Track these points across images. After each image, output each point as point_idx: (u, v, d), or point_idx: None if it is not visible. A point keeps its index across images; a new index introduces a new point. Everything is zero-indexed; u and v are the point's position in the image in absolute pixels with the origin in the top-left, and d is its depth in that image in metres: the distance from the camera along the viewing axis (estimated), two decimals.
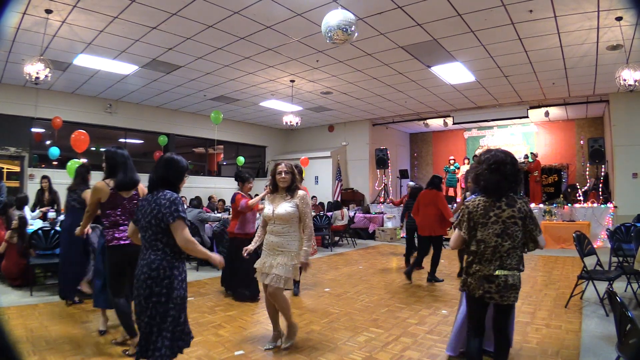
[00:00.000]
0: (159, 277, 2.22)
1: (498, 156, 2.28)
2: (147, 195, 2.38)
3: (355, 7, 5.04)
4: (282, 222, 3.15)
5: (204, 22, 5.66)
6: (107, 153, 3.25)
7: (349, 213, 10.10)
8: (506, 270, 2.22)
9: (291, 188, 3.23)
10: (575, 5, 5.04)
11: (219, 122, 9.32)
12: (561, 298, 4.60)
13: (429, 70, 7.79)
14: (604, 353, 3.05)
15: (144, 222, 2.29)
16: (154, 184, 2.38)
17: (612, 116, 9.30)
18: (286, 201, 3.19)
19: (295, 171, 3.29)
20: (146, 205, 2.32)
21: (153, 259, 2.24)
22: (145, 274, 2.23)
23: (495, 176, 2.25)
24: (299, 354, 3.16)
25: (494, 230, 2.23)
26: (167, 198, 2.27)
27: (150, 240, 2.27)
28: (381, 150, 12.42)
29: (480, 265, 2.27)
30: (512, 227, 2.22)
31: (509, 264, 2.22)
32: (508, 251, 2.22)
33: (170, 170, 2.41)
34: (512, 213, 2.23)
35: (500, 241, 2.22)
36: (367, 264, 7.29)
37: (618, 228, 5.78)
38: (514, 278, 2.23)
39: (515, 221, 2.22)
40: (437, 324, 3.85)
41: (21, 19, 5.32)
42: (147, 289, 2.21)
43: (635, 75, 5.44)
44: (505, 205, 2.25)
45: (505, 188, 2.26)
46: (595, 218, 9.02)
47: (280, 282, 3.06)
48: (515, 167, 2.29)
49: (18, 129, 8.67)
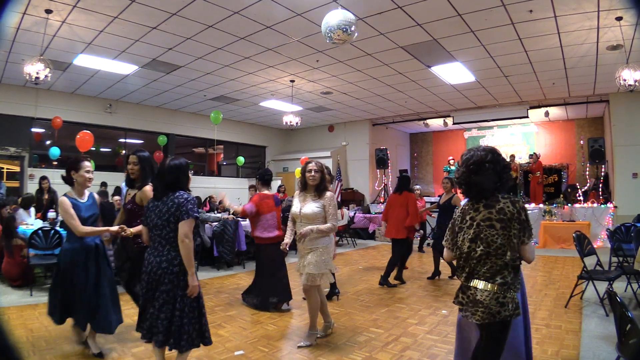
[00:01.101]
0: (180, 272, 2.39)
1: (477, 155, 2.03)
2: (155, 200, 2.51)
3: (355, 7, 5.04)
4: (307, 222, 3.24)
5: (204, 22, 5.66)
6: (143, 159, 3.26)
7: (349, 213, 10.10)
8: (480, 280, 1.93)
9: (320, 188, 3.30)
10: (575, 5, 5.04)
11: (218, 122, 9.32)
12: (561, 298, 4.60)
13: (429, 70, 7.79)
14: (604, 353, 3.05)
15: (160, 221, 2.42)
16: (163, 190, 2.48)
17: (612, 116, 9.30)
18: (314, 201, 3.27)
19: (326, 171, 3.37)
20: (161, 205, 2.46)
21: (174, 255, 2.40)
22: (165, 269, 2.38)
23: (475, 177, 2.01)
24: (299, 353, 3.16)
25: (468, 235, 1.98)
26: (184, 197, 2.44)
27: (168, 237, 2.41)
28: (381, 150, 12.42)
29: (458, 272, 2.07)
30: (486, 231, 1.93)
31: (482, 273, 1.93)
32: (480, 257, 1.93)
33: (177, 175, 2.52)
34: (488, 215, 1.95)
35: (474, 247, 1.95)
36: (367, 264, 7.29)
37: (618, 228, 5.77)
38: (483, 293, 1.89)
39: (492, 224, 1.92)
40: (437, 324, 3.85)
41: (21, 19, 5.31)
42: (167, 284, 2.37)
43: (635, 75, 5.44)
44: (483, 207, 1.98)
45: (489, 189, 1.99)
46: (595, 218, 9.02)
47: (315, 280, 3.20)
48: (498, 164, 2.01)
49: (18, 129, 8.67)
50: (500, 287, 1.88)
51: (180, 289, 2.38)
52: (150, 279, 2.43)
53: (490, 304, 1.87)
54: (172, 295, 2.38)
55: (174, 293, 2.38)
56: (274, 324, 3.92)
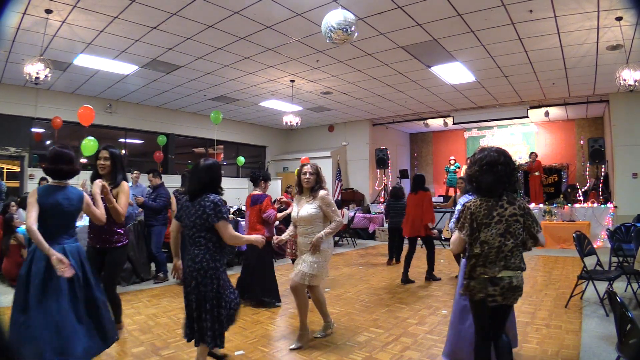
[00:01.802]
0: (202, 269, 2.49)
1: (491, 156, 2.21)
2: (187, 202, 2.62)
3: (355, 7, 5.04)
4: (305, 224, 3.27)
5: (204, 22, 5.66)
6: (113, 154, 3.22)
7: (349, 213, 10.10)
8: (510, 270, 2.14)
9: (314, 189, 3.31)
10: (576, 5, 5.04)
11: (218, 122, 9.33)
12: (561, 298, 4.60)
13: (429, 70, 7.79)
14: (604, 353, 3.05)
15: (188, 222, 2.56)
16: (196, 192, 2.58)
17: (612, 116, 9.30)
18: (308, 203, 3.29)
19: (321, 173, 3.39)
20: (190, 207, 2.58)
21: (197, 254, 2.52)
22: (190, 267, 2.52)
23: (487, 176, 2.19)
24: (299, 353, 3.16)
25: (498, 230, 2.15)
26: (210, 200, 2.53)
27: (194, 237, 2.55)
28: (381, 150, 12.42)
29: (484, 267, 2.17)
30: (514, 225, 2.16)
31: (512, 263, 2.15)
32: (512, 250, 2.15)
33: (208, 176, 2.62)
34: (513, 211, 2.17)
35: (504, 240, 2.15)
36: (367, 264, 7.29)
37: (618, 228, 5.77)
38: (518, 279, 2.16)
39: (517, 219, 2.17)
40: (437, 324, 3.85)
41: (21, 19, 5.31)
42: (192, 281, 2.50)
43: (635, 75, 5.44)
44: (507, 204, 2.19)
45: (499, 188, 2.19)
46: (595, 218, 9.02)
47: (305, 278, 3.18)
48: (509, 166, 2.20)
49: (18, 129, 8.67)
50: (522, 270, 2.21)
51: (202, 285, 2.49)
52: (184, 279, 2.59)
53: (522, 286, 2.21)
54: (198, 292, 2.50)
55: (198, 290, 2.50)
56: (274, 324, 3.92)
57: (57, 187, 2.58)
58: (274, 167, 14.12)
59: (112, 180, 3.16)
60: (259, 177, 4.63)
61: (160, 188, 5.78)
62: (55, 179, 2.61)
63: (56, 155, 2.60)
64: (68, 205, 2.54)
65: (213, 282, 2.51)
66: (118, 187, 3.14)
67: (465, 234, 2.24)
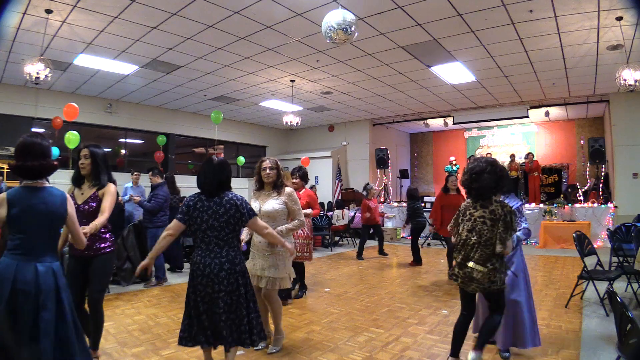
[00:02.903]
0: (242, 271, 2.48)
1: (479, 166, 2.64)
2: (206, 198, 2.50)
3: (355, 7, 5.04)
4: (268, 220, 3.08)
5: (204, 22, 5.66)
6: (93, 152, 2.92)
7: (349, 213, 10.10)
8: (473, 263, 2.56)
9: (277, 184, 3.20)
10: (576, 5, 5.03)
11: (219, 122, 9.33)
12: (561, 298, 4.60)
13: (429, 70, 7.79)
14: (604, 353, 3.05)
15: (217, 223, 2.44)
16: (212, 189, 2.50)
17: (613, 116, 9.30)
18: (273, 198, 3.18)
19: (280, 167, 3.27)
20: (214, 206, 2.46)
21: (235, 255, 2.47)
22: (229, 270, 2.42)
23: (474, 183, 2.64)
24: (299, 354, 3.16)
25: (466, 226, 2.66)
26: (239, 199, 2.51)
27: (226, 238, 2.46)
28: (381, 150, 12.41)
29: (456, 253, 2.74)
30: (480, 226, 2.58)
31: (472, 257, 2.58)
32: (473, 245, 2.59)
33: (225, 173, 2.56)
34: (483, 214, 2.60)
35: (470, 235, 2.62)
36: (367, 264, 7.28)
37: (618, 228, 5.77)
38: (479, 274, 2.53)
39: (485, 221, 2.58)
40: (437, 324, 3.85)
41: (21, 19, 5.31)
42: (233, 283, 2.43)
43: (635, 75, 5.43)
44: (480, 207, 2.63)
45: (487, 193, 2.62)
46: (596, 218, 9.01)
47: (276, 284, 3.10)
48: (495, 174, 2.60)
49: (18, 129, 8.66)
50: (491, 270, 2.53)
51: (245, 285, 2.48)
52: (208, 281, 2.39)
53: (483, 281, 2.55)
54: (239, 294, 2.44)
55: (239, 292, 2.44)
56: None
57: (30, 188, 2.06)
58: None
59: (95, 181, 2.87)
60: None
61: (158, 188, 5.51)
62: (27, 178, 2.07)
63: (24, 148, 2.06)
64: (44, 212, 2.05)
65: (248, 282, 2.53)
66: (104, 189, 2.85)
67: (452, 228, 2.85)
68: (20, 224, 2.01)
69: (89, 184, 2.88)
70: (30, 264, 1.97)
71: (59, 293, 2.05)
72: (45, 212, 2.06)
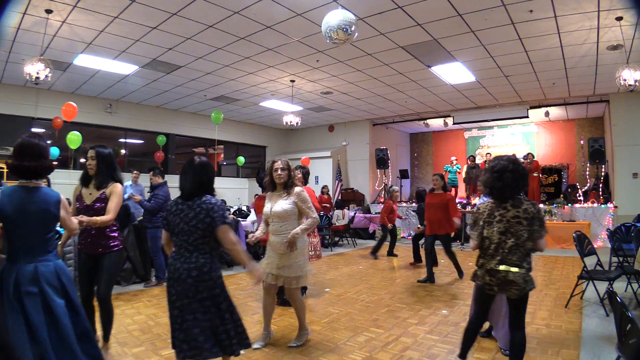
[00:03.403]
0: (211, 280, 2.30)
1: (501, 164, 2.52)
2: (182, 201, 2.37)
3: (355, 7, 5.04)
4: (279, 220, 3.19)
5: (204, 22, 5.66)
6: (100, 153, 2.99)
7: (349, 213, 10.09)
8: (507, 265, 2.43)
9: (287, 184, 3.24)
10: (576, 5, 5.04)
11: (219, 122, 9.33)
12: (561, 298, 4.60)
13: (429, 70, 7.79)
14: (604, 353, 3.05)
15: (187, 227, 2.30)
16: (190, 191, 2.37)
17: (612, 116, 9.30)
18: (283, 199, 3.21)
19: (292, 167, 3.32)
20: (186, 209, 2.33)
21: (203, 262, 2.30)
22: (196, 277, 2.26)
23: (497, 182, 2.50)
24: (299, 354, 3.16)
25: (498, 228, 2.48)
26: (212, 203, 2.33)
27: (196, 243, 2.31)
28: (381, 150, 12.41)
29: (484, 259, 2.54)
30: (515, 226, 2.44)
31: (509, 259, 2.43)
32: (510, 248, 2.43)
33: (206, 175, 2.42)
34: (517, 213, 2.45)
35: (504, 238, 2.45)
36: (367, 264, 7.28)
37: (618, 228, 5.76)
38: (515, 275, 2.41)
39: (520, 221, 2.44)
40: (437, 324, 3.85)
41: (21, 19, 5.32)
42: (202, 292, 2.27)
43: (635, 75, 5.44)
44: (511, 207, 2.48)
45: (508, 192, 2.49)
46: (596, 218, 9.01)
47: (293, 283, 3.17)
48: (517, 173, 2.48)
49: (18, 129, 8.65)
50: (527, 270, 2.45)
51: (216, 295, 2.32)
52: (180, 288, 2.29)
53: (520, 282, 2.41)
54: (211, 303, 2.30)
55: (212, 300, 2.30)
56: (274, 324, 3.91)
57: (25, 188, 2.10)
58: None
59: (101, 181, 2.94)
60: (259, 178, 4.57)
61: (158, 188, 5.49)
62: (23, 178, 2.11)
63: (21, 148, 2.11)
64: (38, 211, 2.07)
65: (224, 290, 2.37)
66: (110, 188, 2.93)
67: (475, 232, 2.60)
68: (13, 223, 2.03)
69: (96, 184, 2.94)
70: (30, 265, 1.99)
71: (65, 290, 2.11)
72: (37, 212, 2.08)
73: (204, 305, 2.28)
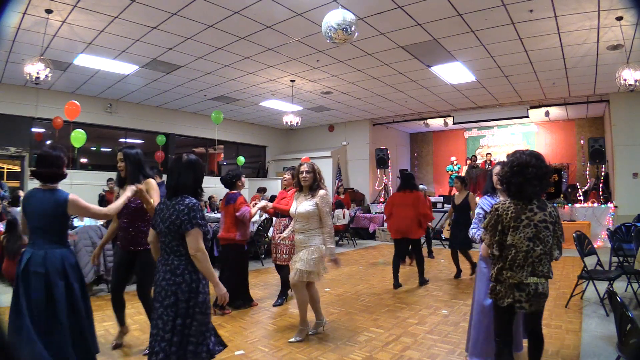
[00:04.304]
0: (184, 282, 2.14)
1: (522, 158, 2.19)
2: (166, 200, 2.29)
3: (355, 7, 5.04)
4: (302, 220, 3.39)
5: (204, 22, 5.66)
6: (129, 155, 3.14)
7: (349, 213, 10.09)
8: (537, 277, 2.14)
9: (313, 187, 3.43)
10: (576, 5, 5.04)
11: (219, 122, 9.33)
12: (561, 298, 4.60)
13: (429, 70, 7.79)
14: (604, 353, 3.05)
15: (163, 228, 2.20)
16: (174, 190, 2.26)
17: (613, 116, 9.30)
18: (307, 200, 3.41)
19: (318, 171, 3.52)
20: (164, 209, 2.23)
21: (177, 265, 2.16)
22: (169, 280, 2.15)
23: (517, 179, 2.17)
24: (300, 354, 3.16)
25: (526, 234, 2.13)
26: (185, 204, 2.18)
27: (171, 245, 2.19)
28: (381, 150, 12.42)
29: (511, 272, 2.17)
30: (544, 232, 2.15)
31: (540, 270, 2.15)
32: (540, 257, 2.14)
33: (193, 174, 2.29)
34: (544, 217, 2.16)
35: (533, 246, 2.13)
36: (368, 264, 7.28)
37: (618, 228, 5.76)
38: (544, 286, 2.17)
39: (547, 225, 2.16)
40: (438, 324, 3.85)
41: (21, 19, 5.32)
42: (172, 296, 2.13)
43: (635, 75, 5.44)
44: (537, 209, 2.17)
45: (529, 191, 2.16)
46: (596, 218, 9.02)
47: (303, 275, 3.30)
48: (540, 169, 2.17)
49: (18, 129, 8.67)
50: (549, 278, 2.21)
51: (184, 302, 2.12)
52: (156, 292, 2.20)
53: (547, 293, 2.21)
54: (176, 310, 2.12)
55: (177, 307, 2.12)
56: (274, 324, 3.92)
57: (41, 190, 2.49)
58: (274, 167, 14.12)
59: (133, 180, 3.05)
60: (232, 179, 4.55)
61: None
62: (40, 181, 2.51)
63: (39, 157, 2.54)
64: (49, 209, 2.42)
65: (198, 296, 2.15)
66: (145, 185, 3.03)
67: (489, 236, 2.24)
68: (31, 217, 2.46)
69: (129, 184, 3.03)
70: (42, 251, 2.39)
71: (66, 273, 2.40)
72: (48, 209, 2.44)
73: (170, 313, 2.12)
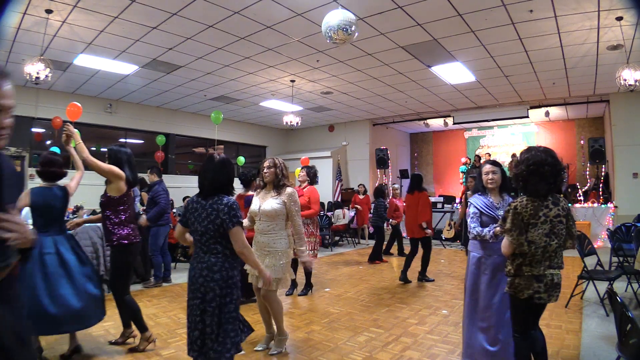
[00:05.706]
0: (222, 279, 2.23)
1: (538, 156, 2.23)
2: (198, 199, 2.35)
3: (355, 7, 5.04)
4: (267, 219, 3.11)
5: (204, 22, 5.66)
6: (110, 151, 3.38)
7: (349, 213, 10.09)
8: (553, 269, 2.26)
9: (278, 184, 3.18)
10: (576, 5, 5.03)
11: (219, 122, 9.32)
12: (561, 298, 4.52)
13: (429, 70, 7.79)
14: (604, 353, 3.05)
15: (200, 227, 2.27)
16: (208, 189, 2.32)
17: (613, 116, 9.29)
18: (272, 197, 3.15)
19: (281, 166, 3.25)
20: (200, 209, 2.30)
21: (214, 262, 2.25)
22: (206, 276, 2.23)
23: (534, 176, 2.21)
24: (299, 354, 3.16)
25: (544, 230, 2.20)
26: (224, 203, 2.26)
27: (208, 244, 2.27)
28: (381, 150, 12.41)
29: (530, 267, 2.25)
30: (558, 226, 2.22)
31: (556, 262, 2.28)
32: (555, 250, 2.25)
33: (225, 174, 2.37)
34: (558, 212, 2.23)
35: (549, 241, 2.21)
36: (367, 264, 7.28)
37: (618, 228, 5.77)
38: (558, 277, 2.28)
39: (561, 219, 2.23)
40: (437, 324, 3.85)
41: (21, 19, 5.31)
42: (210, 292, 2.22)
43: (635, 75, 5.44)
44: (552, 204, 2.23)
45: (545, 188, 2.21)
46: (596, 218, 9.02)
47: (272, 284, 2.97)
48: (555, 167, 2.23)
49: (18, 129, 8.65)
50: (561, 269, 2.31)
51: (221, 297, 2.22)
52: (193, 287, 2.27)
53: (561, 283, 2.33)
54: (216, 305, 2.22)
55: (216, 302, 2.22)
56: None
57: (44, 187, 3.05)
58: None
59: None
60: (252, 177, 4.54)
61: (157, 186, 5.47)
62: (43, 180, 3.07)
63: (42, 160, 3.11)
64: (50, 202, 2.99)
65: (233, 293, 2.26)
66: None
67: (515, 235, 2.22)
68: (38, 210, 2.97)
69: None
70: (49, 236, 2.92)
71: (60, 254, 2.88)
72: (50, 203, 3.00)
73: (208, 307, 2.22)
